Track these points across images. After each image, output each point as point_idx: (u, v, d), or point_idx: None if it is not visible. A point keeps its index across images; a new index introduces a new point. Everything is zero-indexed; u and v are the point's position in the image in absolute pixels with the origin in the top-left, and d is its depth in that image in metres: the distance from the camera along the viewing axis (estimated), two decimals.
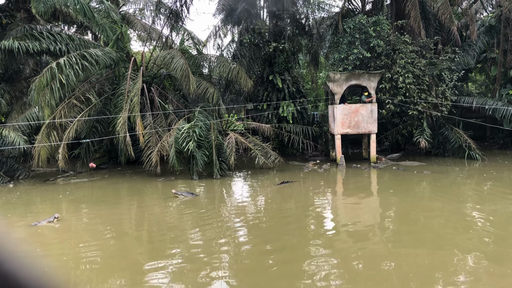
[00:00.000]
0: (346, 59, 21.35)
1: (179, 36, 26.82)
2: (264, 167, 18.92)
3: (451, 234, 9.25)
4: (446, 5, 19.75)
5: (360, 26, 21.13)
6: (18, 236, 10.07)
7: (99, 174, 19.34)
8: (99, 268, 7.83)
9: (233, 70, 20.56)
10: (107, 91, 20.45)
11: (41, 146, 17.13)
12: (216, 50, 29.05)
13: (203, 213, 12.01)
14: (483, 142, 24.30)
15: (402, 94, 20.04)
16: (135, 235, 10.45)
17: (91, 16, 19.04)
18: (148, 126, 18.36)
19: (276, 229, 10.17)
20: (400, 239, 9.07)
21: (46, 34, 19.02)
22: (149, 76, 20.86)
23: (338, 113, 19.84)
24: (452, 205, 11.90)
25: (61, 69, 16.81)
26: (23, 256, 1.26)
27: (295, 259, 7.95)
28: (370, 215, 11.65)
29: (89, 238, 9.73)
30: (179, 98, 21.78)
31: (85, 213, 12.48)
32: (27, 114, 19.38)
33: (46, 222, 10.85)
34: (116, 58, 19.53)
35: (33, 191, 15.89)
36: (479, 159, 19.20)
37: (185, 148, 16.66)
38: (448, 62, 20.75)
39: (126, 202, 14.34)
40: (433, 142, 21.07)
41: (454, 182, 15.58)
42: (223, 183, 16.69)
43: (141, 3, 30.19)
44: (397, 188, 14.82)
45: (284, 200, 13.40)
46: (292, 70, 24.49)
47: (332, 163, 20.38)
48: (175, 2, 21.26)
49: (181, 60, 18.50)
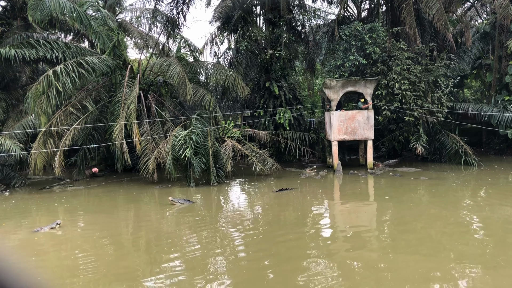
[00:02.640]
0: (342, 66, 21.43)
1: (176, 43, 26.90)
2: (261, 174, 18.91)
3: (448, 240, 9.26)
4: (441, 12, 19.88)
5: (356, 33, 21.25)
6: (14, 243, 10.02)
7: (96, 181, 19.27)
8: (95, 277, 7.77)
9: (229, 77, 20.59)
10: (103, 99, 20.44)
11: (38, 154, 17.07)
12: (213, 57, 29.14)
13: (200, 221, 11.97)
14: (479, 148, 24.37)
15: (398, 100, 20.11)
16: (132, 243, 10.40)
17: (88, 24, 19.08)
18: (145, 133, 18.35)
19: (273, 237, 10.14)
20: (397, 246, 9.06)
21: (42, 42, 19.03)
22: (146, 83, 20.87)
23: (335, 120, 19.88)
24: (449, 211, 11.92)
25: (58, 76, 16.79)
26: (15, 264, 1.25)
27: (293, 267, 7.92)
28: (367, 222, 11.64)
29: (84, 246, 9.67)
30: (176, 105, 21.79)
31: (81, 221, 12.42)
32: (24, 122, 19.33)
33: (48, 229, 10.92)
34: (112, 66, 19.54)
35: (29, 199, 15.82)
36: (475, 165, 19.24)
37: (182, 155, 16.64)
38: (444, 68, 20.85)
39: (123, 210, 14.29)
40: (429, 148, 21.12)
41: (450, 188, 15.60)
42: (220, 190, 16.66)
43: (138, 11, 30.35)
44: (394, 194, 14.83)
45: (282, 207, 13.38)
46: (288, 77, 24.56)
47: (329, 169, 20.39)
48: (171, 10, 21.33)
49: (177, 68, 18.53)
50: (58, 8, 18.16)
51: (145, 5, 30.07)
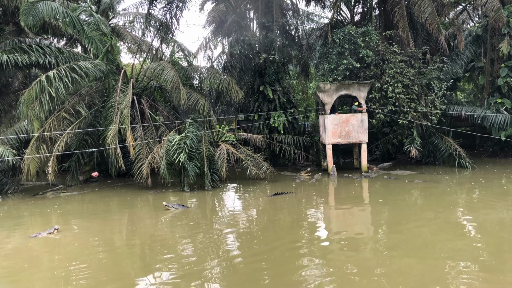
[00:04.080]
0: (336, 70, 21.48)
1: (169, 48, 26.85)
2: (256, 178, 18.88)
3: (443, 243, 9.26)
4: (433, 15, 20.00)
5: (349, 36, 21.32)
6: (7, 250, 9.91)
7: (89, 187, 19.14)
8: (89, 283, 7.69)
9: (223, 81, 20.56)
10: (97, 104, 20.34)
11: (30, 159, 16.93)
12: (207, 62, 29.21)
13: (195, 226, 11.90)
14: (473, 150, 24.49)
15: (392, 103, 20.18)
16: (126, 248, 10.30)
17: (81, 28, 18.99)
18: (138, 138, 18.27)
19: (268, 241, 10.10)
20: (392, 249, 9.04)
21: (35, 47, 18.92)
22: (139, 88, 20.80)
23: (329, 123, 19.91)
24: (443, 213, 11.94)
25: (51, 82, 16.67)
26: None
27: (287, 271, 7.89)
28: (362, 225, 11.63)
29: (78, 252, 9.58)
30: (169, 110, 21.71)
31: (75, 227, 12.30)
32: (16, 127, 19.17)
33: (46, 234, 11.04)
34: (106, 71, 19.45)
35: (22, 205, 15.67)
36: (469, 167, 19.32)
37: (176, 160, 16.57)
38: (437, 71, 20.95)
39: (116, 215, 14.18)
40: (423, 151, 21.18)
41: (445, 190, 15.64)
42: (214, 194, 16.60)
43: (131, 15, 30.26)
44: (389, 197, 14.84)
45: (276, 211, 13.34)
46: (282, 81, 24.57)
47: (323, 173, 20.39)
48: (165, 14, 21.27)
49: (171, 72, 18.48)
50: (51, 13, 18.04)
51: (138, 10, 29.98)
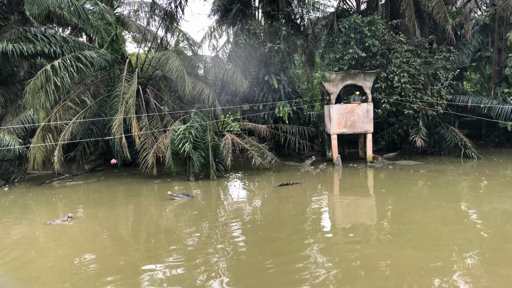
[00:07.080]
0: (342, 59, 21.36)
1: (174, 37, 26.81)
2: (260, 168, 18.90)
3: (448, 234, 9.26)
4: (440, 4, 19.78)
5: (355, 25, 21.14)
6: (16, 237, 10.02)
7: (95, 176, 19.25)
8: (95, 271, 7.77)
9: (228, 71, 20.50)
10: (102, 93, 20.37)
11: (36, 148, 17.03)
12: (211, 51, 29.00)
13: (199, 215, 11.97)
14: (479, 140, 24.38)
15: (398, 93, 20.07)
16: (132, 237, 10.40)
17: (86, 18, 18.94)
18: (144, 127, 18.30)
19: (273, 231, 10.15)
20: (397, 239, 9.06)
21: (40, 36, 18.90)
22: (144, 77, 20.79)
23: (334, 113, 19.85)
24: (449, 204, 11.92)
25: (56, 71, 16.72)
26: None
27: (293, 261, 7.92)
28: (367, 216, 11.65)
29: (83, 240, 9.68)
30: (174, 100, 21.70)
31: (81, 215, 12.40)
32: (22, 117, 19.25)
33: (60, 221, 11.32)
34: (111, 60, 19.45)
35: (28, 194, 15.80)
36: (475, 158, 19.24)
37: (181, 150, 16.60)
38: (443, 61, 20.78)
39: (122, 204, 14.26)
40: (429, 141, 21.11)
41: (450, 181, 15.61)
42: (219, 184, 16.65)
43: (135, 4, 30.11)
44: (394, 188, 14.83)
45: (281, 201, 13.38)
46: (287, 71, 24.45)
47: (328, 163, 20.37)
48: (169, 3, 21.16)
49: (176, 61, 18.44)
50: (56, 2, 18.01)
51: None
